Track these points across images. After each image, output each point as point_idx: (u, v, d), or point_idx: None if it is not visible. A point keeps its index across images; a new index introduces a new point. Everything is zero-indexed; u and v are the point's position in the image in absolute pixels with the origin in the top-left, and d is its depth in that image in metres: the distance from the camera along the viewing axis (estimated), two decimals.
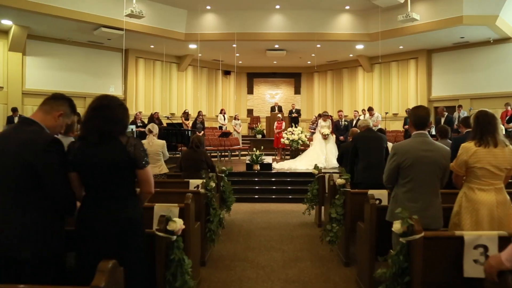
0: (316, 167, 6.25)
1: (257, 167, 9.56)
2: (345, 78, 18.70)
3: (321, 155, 10.63)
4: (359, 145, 4.87)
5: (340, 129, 10.90)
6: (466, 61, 14.99)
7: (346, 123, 10.98)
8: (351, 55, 17.22)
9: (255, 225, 6.38)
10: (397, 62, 16.84)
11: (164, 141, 5.86)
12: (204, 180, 4.46)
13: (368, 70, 17.64)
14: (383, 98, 17.25)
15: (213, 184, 4.40)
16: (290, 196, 8.57)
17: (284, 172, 9.75)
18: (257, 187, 9.04)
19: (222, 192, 6.15)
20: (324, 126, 10.90)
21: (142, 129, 11.09)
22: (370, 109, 11.75)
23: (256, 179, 9.38)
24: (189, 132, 10.60)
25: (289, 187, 9.00)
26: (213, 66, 18.65)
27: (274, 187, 9.01)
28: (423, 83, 16.03)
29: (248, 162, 9.71)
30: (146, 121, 14.11)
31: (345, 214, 4.31)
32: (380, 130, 6.98)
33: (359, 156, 4.89)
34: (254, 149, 9.89)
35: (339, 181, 4.35)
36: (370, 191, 4.22)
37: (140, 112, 12.35)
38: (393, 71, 16.99)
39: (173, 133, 10.44)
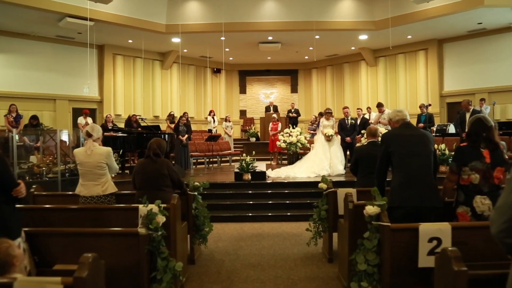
0: (324, 179, 4.53)
1: (248, 176, 7.84)
2: (347, 74, 17.03)
3: (324, 160, 8.93)
4: (394, 149, 3.15)
5: (345, 128, 9.21)
6: (483, 51, 13.37)
7: (352, 121, 9.28)
8: (353, 48, 15.57)
9: (241, 260, 4.65)
10: (404, 54, 15.19)
11: (109, 149, 4.13)
12: (150, 210, 2.73)
13: (372, 64, 15.98)
14: (389, 95, 15.58)
15: (160, 219, 2.68)
16: (288, 213, 6.85)
17: (281, 182, 8.02)
18: (250, 202, 7.26)
19: (195, 218, 4.44)
20: (327, 126, 9.20)
21: (115, 134, 9.38)
22: (380, 105, 10.05)
23: (250, 191, 7.63)
24: (166, 136, 8.86)
25: (287, 201, 7.27)
26: (200, 63, 16.94)
27: (270, 202, 7.26)
28: (434, 76, 14.39)
29: (237, 170, 7.99)
30: (122, 125, 12.43)
31: (381, 264, 2.60)
32: None
33: (393, 165, 3.18)
34: (244, 154, 8.16)
35: (371, 209, 2.64)
36: (423, 227, 2.53)
37: (110, 115, 10.58)
38: (400, 64, 15.34)
39: (147, 137, 8.70)
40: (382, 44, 14.69)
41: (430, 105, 10.90)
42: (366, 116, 12.58)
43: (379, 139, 4.29)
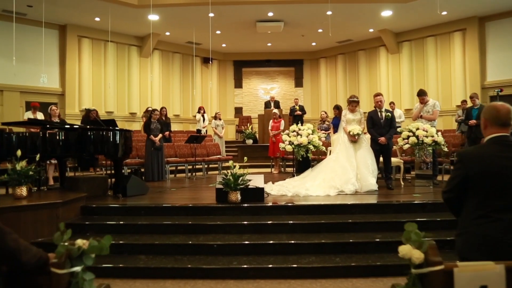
0: (415, 235, 1.73)
1: (237, 197, 5.07)
2: (362, 64, 14.29)
3: (349, 169, 6.18)
4: None
5: (378, 124, 6.44)
6: None
7: (388, 114, 6.50)
8: (371, 30, 12.85)
9: None
10: (434, 37, 12.48)
11: None
12: None
13: (393, 51, 13.25)
14: (416, 88, 12.69)
15: None
16: (295, 265, 4.00)
17: (286, 205, 5.20)
18: (239, 242, 4.42)
19: None
20: (353, 121, 6.47)
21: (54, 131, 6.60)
22: (422, 94, 7.25)
23: (241, 222, 4.79)
24: (117, 134, 6.03)
25: (292, 241, 4.42)
26: (187, 51, 14.20)
27: (271, 242, 4.43)
28: (474, 64, 11.66)
29: (219, 186, 5.21)
30: (79, 121, 9.72)
31: None
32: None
33: None
34: (231, 162, 5.37)
35: None
36: None
37: (56, 107, 7.81)
38: (430, 50, 12.60)
39: (92, 139, 5.91)
40: (409, 23, 12.01)
41: (501, 90, 8.09)
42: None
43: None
